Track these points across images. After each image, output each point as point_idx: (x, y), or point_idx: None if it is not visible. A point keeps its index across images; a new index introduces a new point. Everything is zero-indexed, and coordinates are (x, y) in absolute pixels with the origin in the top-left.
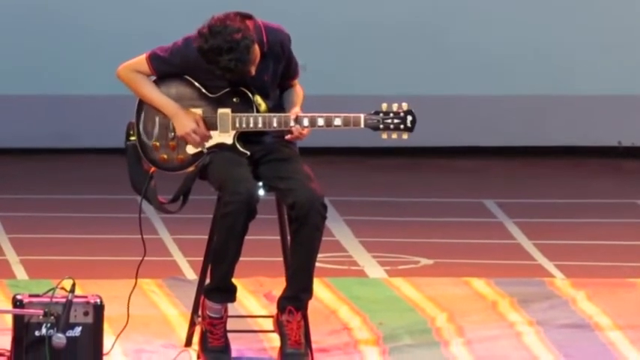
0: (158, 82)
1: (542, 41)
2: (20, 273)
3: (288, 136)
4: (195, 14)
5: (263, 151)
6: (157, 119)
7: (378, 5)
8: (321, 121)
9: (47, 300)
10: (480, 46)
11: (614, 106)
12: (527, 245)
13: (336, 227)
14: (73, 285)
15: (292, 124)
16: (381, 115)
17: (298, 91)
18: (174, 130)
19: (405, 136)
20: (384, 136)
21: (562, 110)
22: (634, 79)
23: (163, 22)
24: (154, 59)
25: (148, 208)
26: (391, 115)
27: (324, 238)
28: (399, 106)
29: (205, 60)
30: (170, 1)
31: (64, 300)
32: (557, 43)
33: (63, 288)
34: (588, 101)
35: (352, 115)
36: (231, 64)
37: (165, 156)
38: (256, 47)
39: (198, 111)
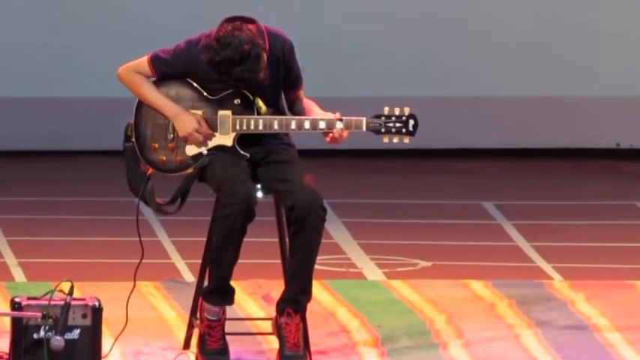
0: (157, 84)
1: (540, 42)
2: (18, 275)
3: (328, 138)
4: (194, 21)
5: (262, 153)
6: (156, 120)
7: (376, 8)
8: (322, 124)
9: (45, 302)
10: (478, 47)
11: (612, 107)
12: (526, 247)
13: (335, 229)
14: (72, 287)
15: (339, 125)
16: (383, 118)
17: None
18: (173, 131)
19: (406, 140)
20: (386, 139)
21: (561, 112)
22: (633, 81)
23: (160, 27)
24: (155, 61)
25: (147, 211)
26: (393, 118)
27: (322, 241)
28: (402, 110)
29: (217, 72)
30: (166, 6)
31: (62, 302)
32: (555, 44)
33: (61, 290)
34: (587, 103)
35: (354, 118)
36: (244, 74)
37: (164, 157)
38: (265, 54)
39: (199, 113)
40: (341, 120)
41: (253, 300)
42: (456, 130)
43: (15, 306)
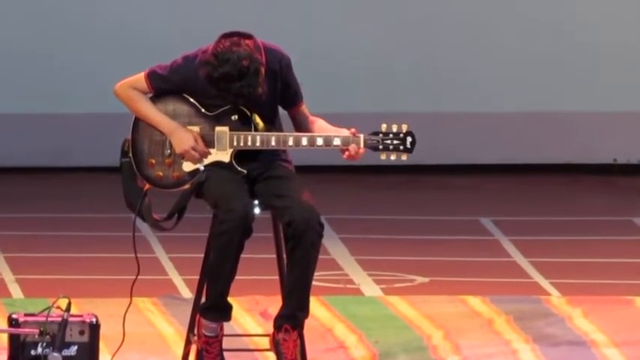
0: (154, 100)
1: (536, 58)
2: (16, 292)
3: (344, 156)
4: (192, 37)
5: (260, 169)
6: (153, 136)
7: (374, 24)
8: (320, 141)
9: (43, 319)
10: (475, 63)
11: (609, 123)
12: (523, 263)
13: (332, 245)
14: (69, 304)
15: (337, 142)
16: (381, 135)
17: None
18: (170, 147)
19: (404, 157)
20: (383, 157)
21: (557, 127)
22: (629, 96)
23: (159, 43)
24: (152, 77)
25: (144, 227)
26: (391, 135)
27: (320, 257)
28: (399, 127)
29: (216, 88)
30: (164, 21)
31: (59, 319)
32: (552, 60)
33: (58, 307)
34: (584, 118)
35: (352, 135)
36: (244, 90)
37: (160, 173)
38: (263, 68)
39: (196, 129)
40: (356, 136)
41: (251, 316)
42: (452, 146)
43: (12, 322)
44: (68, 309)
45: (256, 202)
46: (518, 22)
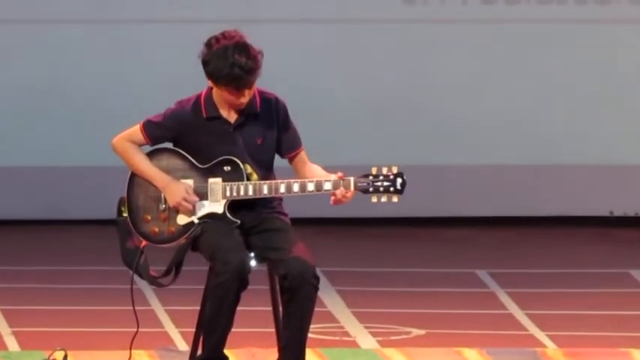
0: (149, 156)
1: (532, 110)
2: (12, 344)
3: (331, 200)
4: (178, 88)
5: (254, 222)
6: (148, 192)
7: (369, 78)
8: (311, 186)
9: None
10: (470, 115)
11: (605, 175)
12: (519, 315)
13: (328, 297)
14: (65, 356)
15: (327, 186)
16: (371, 177)
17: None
18: (165, 201)
19: (395, 199)
20: (374, 199)
21: (553, 180)
22: (625, 149)
23: (149, 96)
24: (147, 126)
25: (140, 279)
26: (381, 177)
27: (316, 309)
28: (389, 169)
29: (215, 61)
30: (155, 75)
31: None
32: (547, 113)
33: (55, 359)
34: (580, 170)
35: (342, 178)
36: (242, 61)
37: (156, 229)
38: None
39: (189, 182)
40: (343, 179)
41: None
42: (448, 199)
43: None
44: None
45: (252, 254)
46: (512, 74)
